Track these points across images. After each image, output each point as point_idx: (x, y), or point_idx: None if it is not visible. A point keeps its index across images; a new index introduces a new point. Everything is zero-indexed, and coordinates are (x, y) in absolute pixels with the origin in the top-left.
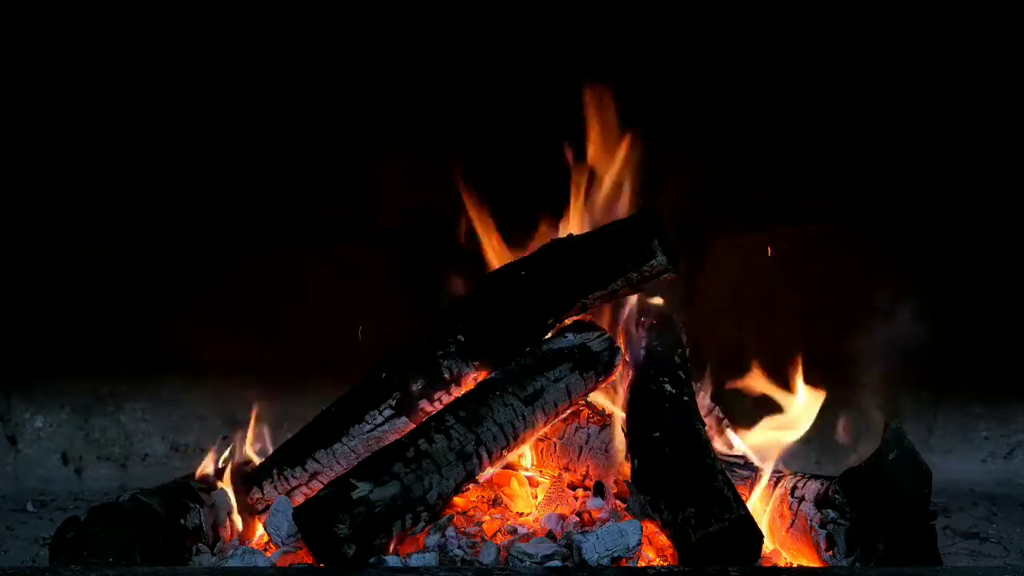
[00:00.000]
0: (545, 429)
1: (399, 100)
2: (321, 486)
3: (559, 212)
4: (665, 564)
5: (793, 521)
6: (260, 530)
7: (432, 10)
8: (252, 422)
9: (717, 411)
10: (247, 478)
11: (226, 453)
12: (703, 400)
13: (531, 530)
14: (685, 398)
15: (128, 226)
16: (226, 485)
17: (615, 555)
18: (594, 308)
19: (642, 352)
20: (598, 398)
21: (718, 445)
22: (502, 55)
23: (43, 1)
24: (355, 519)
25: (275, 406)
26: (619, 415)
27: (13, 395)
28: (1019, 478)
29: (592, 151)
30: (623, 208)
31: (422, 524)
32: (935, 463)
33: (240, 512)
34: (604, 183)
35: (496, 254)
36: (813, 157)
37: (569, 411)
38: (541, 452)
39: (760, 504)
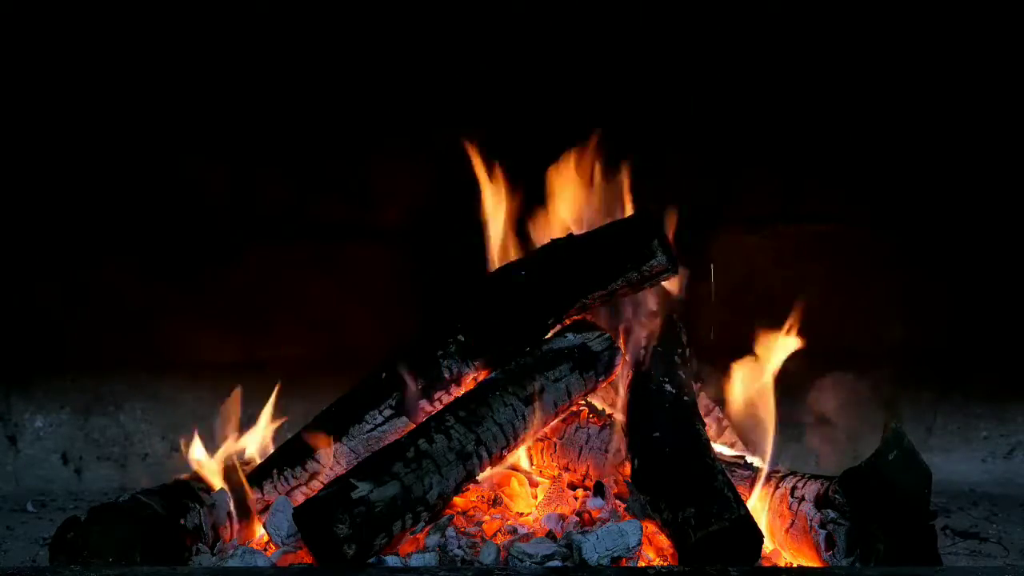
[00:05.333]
0: (545, 429)
1: (399, 99)
2: (321, 486)
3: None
4: (665, 564)
5: (793, 521)
6: (260, 530)
7: (432, 8)
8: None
9: (717, 411)
10: (247, 478)
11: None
12: (703, 400)
13: (531, 530)
14: (685, 398)
15: (127, 226)
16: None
17: (615, 555)
18: (594, 308)
19: (642, 352)
20: (598, 398)
21: (718, 445)
22: (502, 52)
23: (41, 3)
24: (355, 519)
25: (275, 406)
26: (619, 415)
27: (13, 395)
28: (1019, 478)
29: (591, 151)
30: (622, 209)
31: (422, 524)
32: (935, 463)
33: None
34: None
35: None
36: (813, 157)
37: (569, 411)
38: (541, 452)
39: (760, 504)
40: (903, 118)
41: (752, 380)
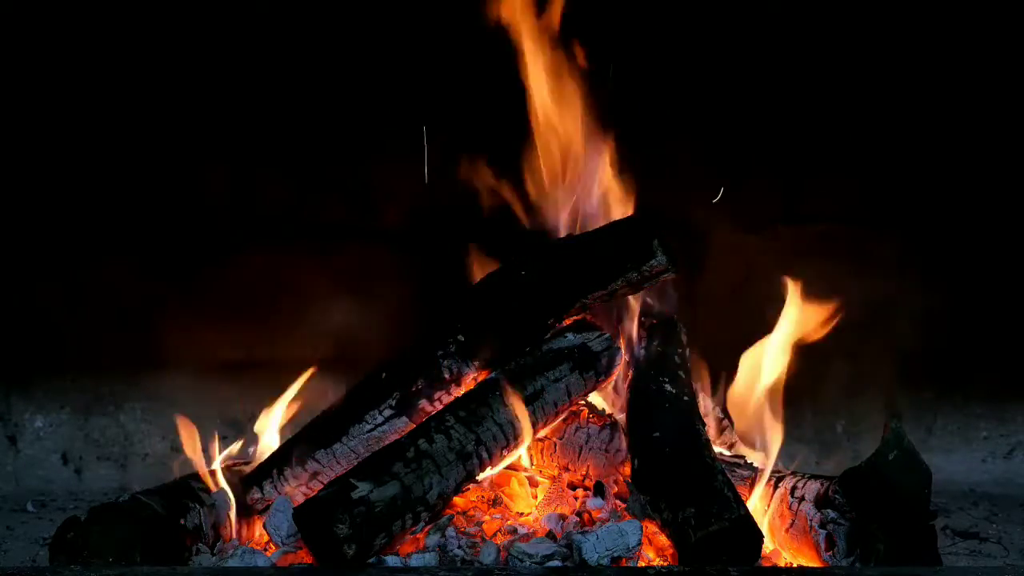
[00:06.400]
0: (545, 429)
1: (399, 100)
2: (321, 486)
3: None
4: (665, 564)
5: (793, 521)
6: (260, 530)
7: (431, 10)
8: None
9: (717, 411)
10: (247, 478)
11: (226, 452)
12: (703, 400)
13: (531, 530)
14: (685, 398)
15: (127, 226)
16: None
17: (615, 555)
18: (594, 308)
19: (642, 352)
20: (598, 398)
21: (718, 445)
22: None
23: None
24: (355, 519)
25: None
26: (619, 415)
27: (13, 395)
28: (1019, 478)
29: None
30: (622, 208)
31: (422, 524)
32: (935, 463)
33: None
34: (603, 182)
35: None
36: (813, 157)
37: (569, 411)
38: (541, 452)
39: (760, 504)
40: (903, 119)
41: (757, 381)
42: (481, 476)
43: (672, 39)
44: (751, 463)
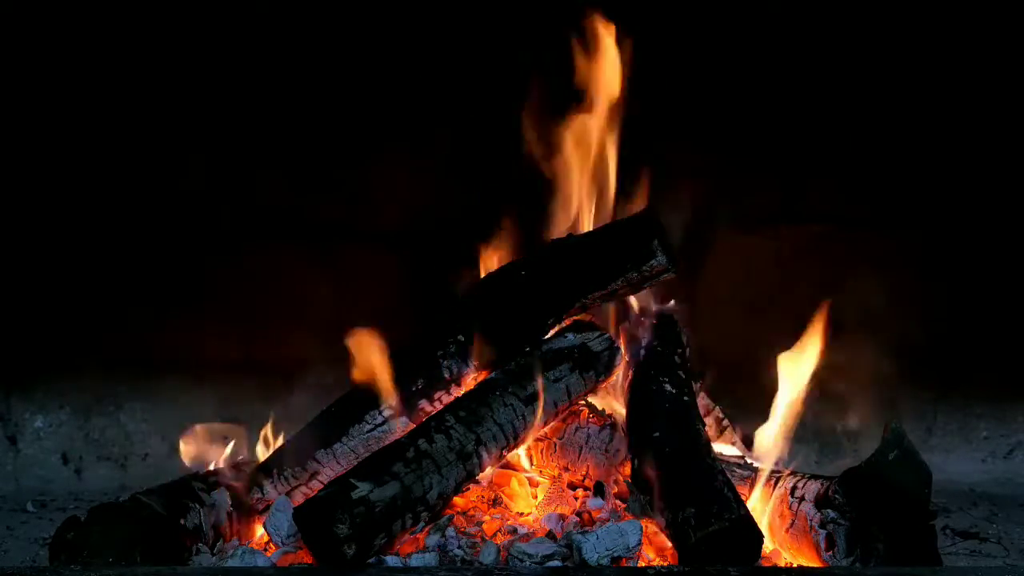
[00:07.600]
0: (545, 429)
1: (400, 100)
2: (321, 486)
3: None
4: (665, 564)
5: (793, 521)
6: (260, 530)
7: (431, 11)
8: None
9: (717, 411)
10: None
11: (227, 453)
12: (703, 400)
13: (531, 530)
14: (685, 398)
15: (128, 227)
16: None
17: (615, 555)
18: (594, 308)
19: (642, 352)
20: (598, 398)
21: (718, 445)
22: (502, 54)
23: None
24: (355, 519)
25: (275, 406)
26: (619, 415)
27: (13, 395)
28: (1019, 478)
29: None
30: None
31: (422, 524)
32: (935, 463)
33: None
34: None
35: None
36: (813, 157)
37: (569, 411)
38: (541, 452)
39: (760, 504)
40: (903, 119)
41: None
42: (481, 476)
43: (673, 38)
44: (751, 463)
